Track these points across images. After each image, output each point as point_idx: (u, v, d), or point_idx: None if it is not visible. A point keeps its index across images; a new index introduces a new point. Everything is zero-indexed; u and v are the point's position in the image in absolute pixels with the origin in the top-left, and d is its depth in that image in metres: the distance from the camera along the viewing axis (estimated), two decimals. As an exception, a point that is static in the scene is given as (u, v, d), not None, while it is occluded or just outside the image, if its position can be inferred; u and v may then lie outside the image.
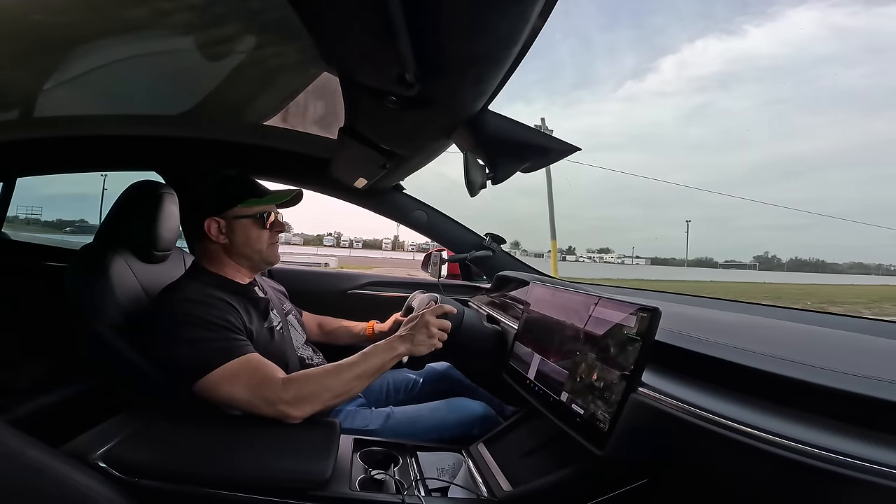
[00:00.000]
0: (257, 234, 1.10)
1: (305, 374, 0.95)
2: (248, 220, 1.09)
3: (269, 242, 1.13)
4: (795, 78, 62.69)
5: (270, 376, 0.91)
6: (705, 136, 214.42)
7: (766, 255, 45.89)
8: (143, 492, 0.75)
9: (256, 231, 1.10)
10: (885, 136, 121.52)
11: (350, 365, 0.96)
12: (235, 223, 1.08)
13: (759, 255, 44.45)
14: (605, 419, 0.71)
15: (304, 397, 0.90)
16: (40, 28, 0.89)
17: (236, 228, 1.08)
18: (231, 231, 1.08)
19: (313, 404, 0.91)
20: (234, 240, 1.08)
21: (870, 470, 0.48)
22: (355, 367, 0.96)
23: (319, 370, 0.96)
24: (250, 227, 1.09)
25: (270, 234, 1.13)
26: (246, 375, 0.90)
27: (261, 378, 0.91)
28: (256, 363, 0.93)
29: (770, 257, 46.62)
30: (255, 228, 1.10)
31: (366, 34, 0.60)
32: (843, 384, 0.59)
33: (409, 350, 1.01)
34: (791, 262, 48.58)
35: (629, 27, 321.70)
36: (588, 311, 0.86)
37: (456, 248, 1.88)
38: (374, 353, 0.99)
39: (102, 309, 0.98)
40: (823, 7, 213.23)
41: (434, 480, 0.94)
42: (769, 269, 40.18)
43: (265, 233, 1.11)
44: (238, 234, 1.08)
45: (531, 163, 0.94)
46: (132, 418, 0.89)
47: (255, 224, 1.10)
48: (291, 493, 0.78)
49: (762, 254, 45.16)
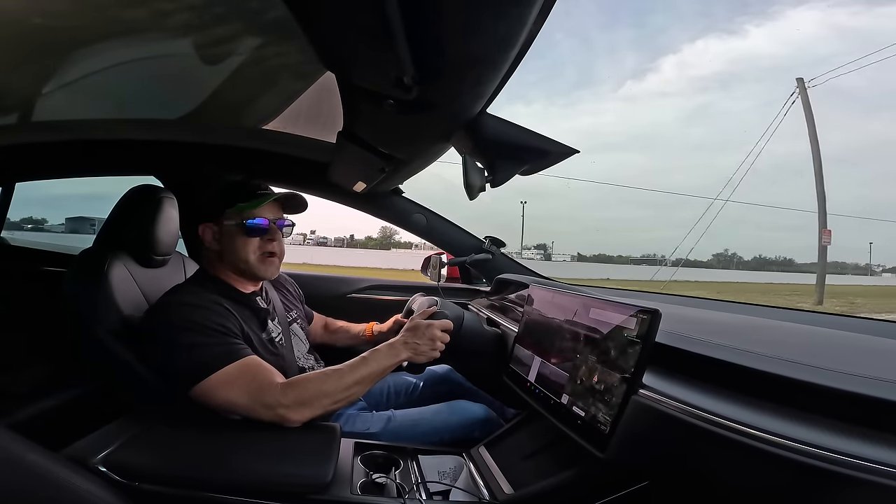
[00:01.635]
0: (242, 241, 1.04)
1: (305, 378, 0.94)
2: (236, 227, 1.03)
3: (259, 252, 1.05)
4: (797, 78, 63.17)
5: (269, 380, 0.91)
6: (706, 136, 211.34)
7: (725, 252, 45.73)
8: (143, 496, 0.74)
9: (243, 239, 1.04)
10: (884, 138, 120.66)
11: (350, 369, 0.96)
12: (226, 229, 1.04)
13: (718, 253, 44.28)
14: (605, 421, 0.71)
15: (304, 401, 0.90)
16: (39, 31, 0.89)
17: (226, 235, 1.04)
18: (222, 238, 1.05)
19: (313, 408, 0.90)
20: (224, 247, 1.05)
21: (872, 470, 0.47)
22: (355, 371, 0.96)
23: (319, 374, 0.96)
24: (237, 233, 1.04)
25: (261, 243, 1.05)
26: (244, 380, 0.90)
27: (259, 382, 0.90)
28: (255, 367, 0.92)
29: (730, 255, 46.38)
30: (242, 236, 1.04)
31: (363, 37, 0.60)
32: (845, 385, 0.59)
33: (410, 357, 1.01)
34: (755, 260, 48.29)
35: (629, 26, 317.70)
36: (588, 314, 0.86)
37: (455, 251, 1.87)
38: (375, 357, 0.98)
39: (102, 314, 0.98)
40: (825, 7, 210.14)
41: (435, 483, 0.93)
42: (729, 268, 40.06)
43: (253, 241, 1.04)
44: (226, 241, 1.04)
45: (530, 165, 0.94)
46: (132, 422, 0.89)
47: (242, 231, 1.03)
48: (292, 498, 0.78)
49: (722, 251, 45.00)
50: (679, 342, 0.78)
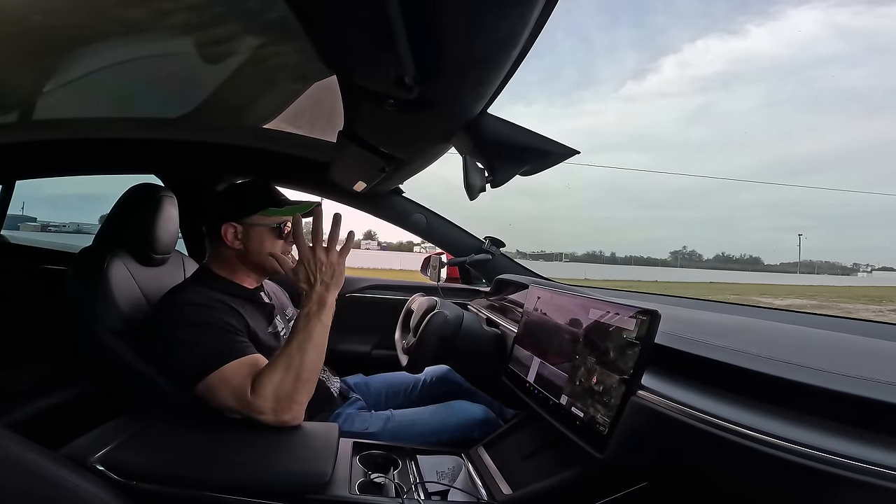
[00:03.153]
0: (272, 243, 1.09)
1: (268, 379, 0.89)
2: (264, 229, 1.09)
3: (283, 252, 1.11)
4: (798, 78, 62.26)
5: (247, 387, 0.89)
6: (707, 136, 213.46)
7: (683, 249, 45.67)
8: (141, 495, 0.74)
9: (271, 240, 1.10)
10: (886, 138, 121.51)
11: (298, 345, 0.91)
12: (252, 230, 1.08)
13: (676, 251, 44.23)
14: (604, 422, 0.71)
15: (278, 401, 0.88)
16: (41, 30, 0.89)
17: (252, 235, 1.08)
18: (247, 237, 1.08)
19: (290, 401, 0.88)
20: (248, 246, 1.09)
21: (869, 471, 0.48)
22: (304, 343, 0.91)
23: (277, 366, 0.90)
24: (266, 235, 1.09)
25: (284, 245, 1.12)
26: (245, 377, 0.90)
27: (246, 386, 0.89)
28: (258, 365, 0.93)
29: (689, 252, 46.28)
30: (271, 238, 1.09)
31: (364, 37, 0.60)
32: (842, 386, 0.59)
33: (330, 292, 0.95)
34: (717, 258, 48.18)
35: (630, 26, 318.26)
36: (587, 315, 0.86)
37: (455, 251, 1.88)
38: (307, 319, 0.93)
39: (102, 313, 0.98)
40: (826, 7, 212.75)
41: (434, 484, 0.93)
42: (689, 267, 39.98)
43: (279, 243, 1.11)
44: (253, 241, 1.09)
45: (530, 166, 0.94)
46: (131, 421, 0.89)
47: (272, 233, 1.09)
48: (290, 497, 0.78)
49: (680, 248, 44.99)
50: (677, 343, 0.78)
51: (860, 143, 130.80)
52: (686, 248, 45.93)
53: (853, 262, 38.18)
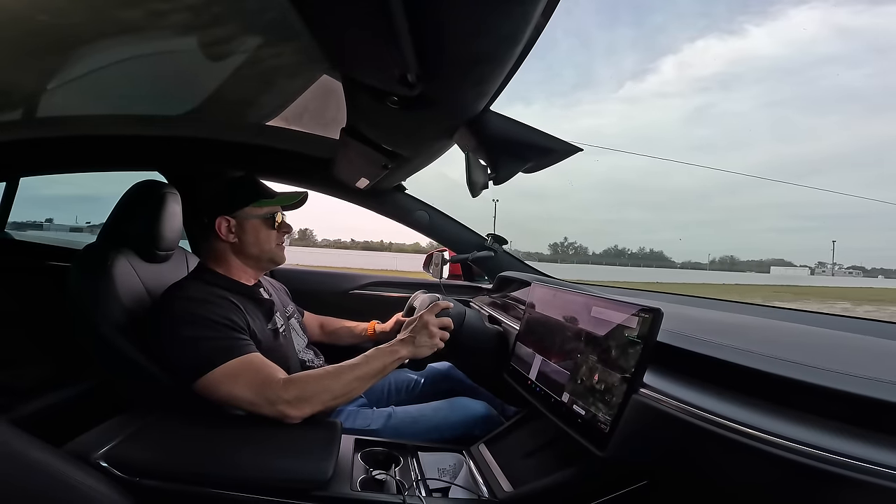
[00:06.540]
0: (266, 234, 1.13)
1: (306, 375, 0.95)
2: (257, 221, 1.12)
3: (277, 243, 1.15)
4: (798, 78, 61.72)
5: (271, 376, 0.92)
6: (707, 136, 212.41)
7: (614, 247, 45.52)
8: (144, 491, 0.75)
9: (265, 231, 1.13)
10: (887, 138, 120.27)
11: (351, 367, 0.97)
12: (245, 223, 1.11)
13: (606, 249, 44.11)
14: (606, 420, 0.71)
15: (305, 398, 0.90)
16: (44, 29, 0.89)
17: (246, 228, 1.11)
18: (241, 230, 1.10)
19: (313, 405, 0.91)
20: (243, 239, 1.11)
21: (870, 471, 0.47)
22: (356, 369, 0.96)
23: (321, 371, 0.97)
24: (260, 226, 1.12)
25: (278, 235, 1.15)
26: (247, 375, 0.91)
27: (262, 378, 0.91)
28: (258, 363, 0.93)
29: (620, 249, 46.03)
30: (265, 229, 1.13)
31: (367, 34, 0.60)
32: (844, 385, 0.59)
33: (411, 353, 1.01)
34: (642, 253, 47.86)
35: (629, 25, 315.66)
36: (589, 312, 0.86)
37: (458, 248, 1.87)
38: (376, 356, 0.99)
39: (106, 309, 0.98)
40: (826, 6, 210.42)
41: (435, 481, 0.93)
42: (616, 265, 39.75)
43: (273, 233, 1.14)
44: (248, 233, 1.11)
45: (533, 163, 0.94)
46: (134, 418, 0.89)
47: (265, 224, 1.13)
48: (292, 494, 0.78)
49: (611, 247, 44.83)
50: (680, 341, 0.78)
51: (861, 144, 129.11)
52: (616, 245, 45.95)
53: (817, 261, 38.23)
